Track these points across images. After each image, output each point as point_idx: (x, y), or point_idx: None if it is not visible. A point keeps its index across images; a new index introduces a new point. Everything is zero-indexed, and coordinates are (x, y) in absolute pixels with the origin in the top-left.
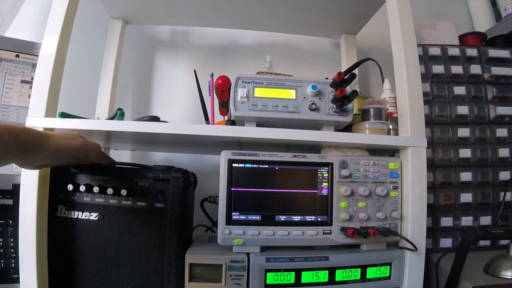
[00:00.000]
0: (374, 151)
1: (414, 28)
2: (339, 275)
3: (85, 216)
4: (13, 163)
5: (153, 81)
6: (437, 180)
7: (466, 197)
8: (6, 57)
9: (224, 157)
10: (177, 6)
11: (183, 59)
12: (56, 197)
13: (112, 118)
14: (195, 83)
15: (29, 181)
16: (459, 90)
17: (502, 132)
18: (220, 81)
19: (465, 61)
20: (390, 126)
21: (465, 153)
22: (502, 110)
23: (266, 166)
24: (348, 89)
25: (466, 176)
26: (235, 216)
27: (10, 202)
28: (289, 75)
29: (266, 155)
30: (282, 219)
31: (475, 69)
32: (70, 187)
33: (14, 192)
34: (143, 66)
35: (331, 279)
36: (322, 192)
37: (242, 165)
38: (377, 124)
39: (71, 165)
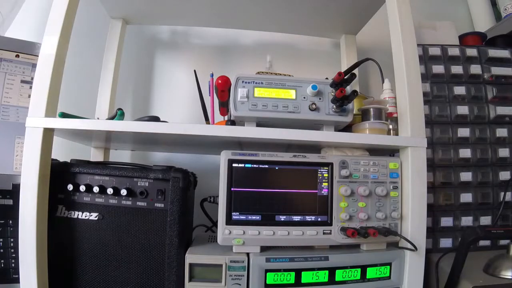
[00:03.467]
0: (374, 151)
1: (414, 28)
2: (339, 275)
3: (85, 216)
4: None
5: (153, 81)
6: (437, 180)
7: (466, 197)
8: (6, 57)
9: (224, 157)
10: (177, 6)
11: (183, 59)
12: (56, 197)
13: (112, 118)
14: (195, 83)
15: (29, 181)
16: (459, 90)
17: (502, 132)
18: (220, 81)
19: (465, 61)
20: (390, 126)
21: (465, 153)
22: (502, 110)
23: (266, 166)
24: (348, 89)
25: (466, 176)
26: (235, 216)
27: (10, 202)
28: (289, 75)
29: (266, 155)
30: (282, 219)
31: (475, 69)
32: (70, 187)
33: (14, 192)
34: (143, 66)
35: (331, 279)
36: (322, 192)
37: (242, 165)
38: (377, 124)
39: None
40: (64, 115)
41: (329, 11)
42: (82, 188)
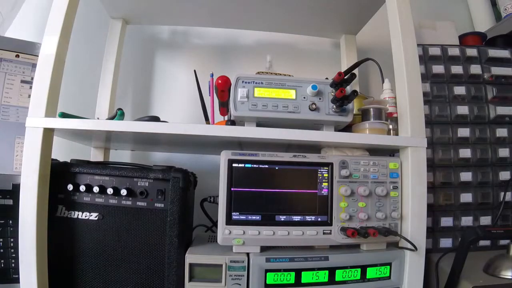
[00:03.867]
0: (374, 151)
1: (414, 28)
2: (339, 275)
3: (85, 216)
4: None
5: (153, 81)
6: (437, 180)
7: (466, 197)
8: (6, 57)
9: (224, 157)
10: (177, 6)
11: (183, 59)
12: (56, 197)
13: (112, 118)
14: (195, 83)
15: (29, 181)
16: (459, 90)
17: (502, 132)
18: (220, 81)
19: (465, 61)
20: (390, 126)
21: (465, 153)
22: (502, 110)
23: (266, 166)
24: (348, 89)
25: (466, 176)
26: (235, 216)
27: (10, 202)
28: (289, 75)
29: (266, 155)
30: (282, 219)
31: (475, 69)
32: (70, 187)
33: (14, 192)
34: (143, 66)
35: (331, 279)
36: (322, 192)
37: (242, 165)
38: (377, 124)
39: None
40: (64, 115)
41: (329, 11)
42: (82, 188)
